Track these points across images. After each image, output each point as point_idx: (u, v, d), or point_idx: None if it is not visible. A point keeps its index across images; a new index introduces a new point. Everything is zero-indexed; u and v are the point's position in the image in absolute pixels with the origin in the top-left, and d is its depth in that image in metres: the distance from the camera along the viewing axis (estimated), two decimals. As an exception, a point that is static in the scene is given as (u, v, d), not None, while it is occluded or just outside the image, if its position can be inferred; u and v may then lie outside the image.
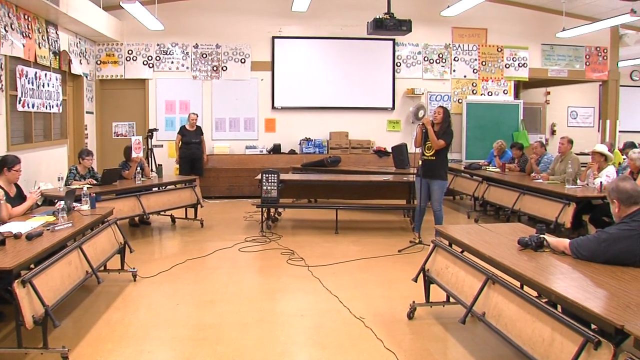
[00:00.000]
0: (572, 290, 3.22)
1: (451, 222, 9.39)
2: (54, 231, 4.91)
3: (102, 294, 5.64)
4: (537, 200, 8.12)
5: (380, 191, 9.58)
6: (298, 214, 10.26)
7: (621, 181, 3.82)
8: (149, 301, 5.45)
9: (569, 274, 3.54)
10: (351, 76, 13.02)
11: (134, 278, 6.13)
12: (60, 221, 5.21)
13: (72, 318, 4.98)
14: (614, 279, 3.40)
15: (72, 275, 4.64)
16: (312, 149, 12.68)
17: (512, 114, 13.42)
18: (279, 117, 12.89)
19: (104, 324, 4.85)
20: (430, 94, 13.35)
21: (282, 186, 8.73)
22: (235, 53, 12.69)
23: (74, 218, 5.55)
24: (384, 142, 13.02)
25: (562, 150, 8.87)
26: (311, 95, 12.91)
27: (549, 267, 3.69)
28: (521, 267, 3.68)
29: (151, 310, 5.20)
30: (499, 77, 13.58)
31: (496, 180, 9.53)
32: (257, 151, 12.58)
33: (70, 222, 5.23)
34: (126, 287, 5.89)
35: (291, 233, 8.65)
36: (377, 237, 8.37)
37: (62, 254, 4.58)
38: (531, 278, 3.48)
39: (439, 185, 7.65)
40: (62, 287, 4.40)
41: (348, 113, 13.07)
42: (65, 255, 4.62)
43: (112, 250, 5.77)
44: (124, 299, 5.52)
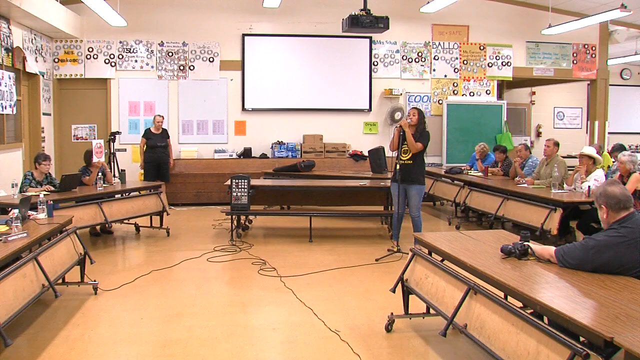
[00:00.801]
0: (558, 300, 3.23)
1: (431, 229, 9.43)
2: (6, 242, 4.82)
3: (60, 309, 5.55)
4: (521, 205, 8.19)
5: (357, 197, 9.59)
6: (270, 221, 10.23)
7: (609, 185, 3.85)
8: (111, 316, 5.37)
9: (555, 284, 3.56)
10: (326, 76, 13.04)
11: (95, 291, 6.04)
12: (14, 231, 5.11)
13: (27, 336, 4.88)
14: (603, 288, 3.41)
15: (27, 289, 4.55)
16: (284, 153, 12.66)
17: (495, 115, 13.54)
18: (250, 120, 12.85)
19: (61, 341, 4.76)
20: (409, 94, 13.41)
21: (253, 192, 8.69)
22: (203, 51, 12.63)
23: (29, 227, 5.45)
24: (360, 145, 13.05)
25: (547, 153, 8.95)
26: (283, 96, 12.90)
27: (533, 276, 3.71)
28: (504, 277, 3.68)
29: (113, 325, 5.13)
30: (482, 76, 13.70)
31: (478, 185, 9.58)
32: (226, 155, 12.52)
33: (25, 232, 5.13)
34: (86, 301, 5.79)
35: (263, 242, 8.61)
36: (353, 246, 8.36)
37: (16, 266, 4.49)
38: (515, 288, 3.49)
39: (416, 190, 7.67)
40: (15, 302, 4.31)
41: (322, 115, 13.08)
42: (20, 267, 4.53)
43: (71, 261, 5.68)
44: (84, 313, 5.43)
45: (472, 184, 9.76)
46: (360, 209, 9.79)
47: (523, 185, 8.81)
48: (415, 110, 7.75)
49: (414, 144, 7.57)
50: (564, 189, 8.19)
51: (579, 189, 7.99)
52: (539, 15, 13.54)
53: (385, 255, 7.60)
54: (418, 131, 7.67)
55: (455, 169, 10.94)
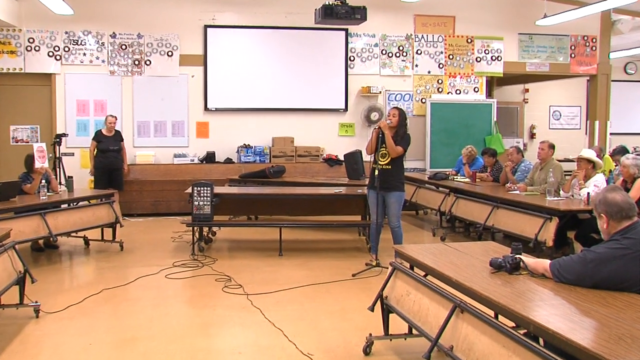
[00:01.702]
0: (554, 319, 3.22)
1: (413, 241, 9.42)
2: None
3: (-4, 334, 5.45)
4: (513, 214, 8.23)
5: (331, 206, 9.60)
6: (236, 233, 10.20)
7: (610, 192, 3.84)
8: (55, 342, 5.28)
9: (551, 301, 3.55)
10: (297, 72, 13.04)
11: (36, 314, 5.94)
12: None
13: (-42, 364, 4.79)
14: (604, 306, 3.40)
15: (-42, 312, 4.45)
16: (251, 158, 12.65)
17: (484, 115, 13.63)
18: (213, 121, 12.80)
19: (-3, 370, 4.68)
20: (388, 92, 13.46)
21: (217, 201, 8.67)
22: (161, 44, 12.55)
23: (-39, 242, 5.34)
24: (335, 148, 13.06)
25: (542, 157, 9.01)
26: (251, 94, 12.86)
27: (526, 293, 3.70)
28: (494, 293, 3.67)
29: (57, 353, 5.04)
30: (469, 72, 13.79)
31: (465, 192, 9.62)
32: (187, 160, 12.46)
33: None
34: (26, 325, 5.69)
35: (228, 256, 8.60)
36: (327, 260, 8.37)
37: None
38: (506, 306, 3.47)
39: (395, 197, 7.68)
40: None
41: (294, 115, 13.08)
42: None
43: (8, 280, 5.58)
44: (23, 340, 5.33)
45: (459, 191, 9.80)
46: (335, 219, 9.81)
47: (515, 192, 8.85)
48: (396, 110, 7.77)
49: (394, 148, 7.58)
50: (560, 196, 8.24)
51: (577, 196, 8.05)
52: (533, 4, 13.55)
53: (363, 270, 7.59)
54: (399, 134, 7.68)
55: (440, 174, 10.97)
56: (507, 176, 9.67)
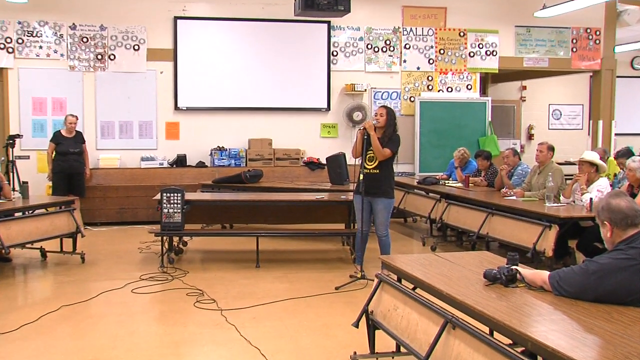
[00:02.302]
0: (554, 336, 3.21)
1: (401, 251, 9.46)
2: None
3: (-57, 356, 5.39)
4: (509, 222, 8.25)
5: (313, 213, 9.61)
6: (209, 243, 10.18)
7: (613, 197, 3.83)
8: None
9: (550, 316, 3.54)
10: (275, 69, 13.04)
11: (-12, 333, 5.89)
12: None
13: None
14: (608, 321, 3.39)
15: None
16: (226, 161, 12.65)
17: (477, 115, 13.70)
18: (184, 121, 12.77)
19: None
20: (374, 90, 13.48)
21: (188, 208, 8.65)
22: (127, 37, 12.49)
23: None
24: (317, 151, 13.08)
25: (540, 160, 9.05)
26: (225, 93, 12.86)
27: (523, 307, 3.69)
28: (489, 308, 3.67)
29: (10, 375, 4.99)
30: (461, 68, 13.84)
31: (458, 198, 9.64)
32: (155, 164, 12.43)
33: None
34: (-23, 344, 5.64)
35: (200, 268, 8.59)
36: (308, 272, 8.37)
37: None
38: (501, 321, 3.46)
39: (384, 204, 7.69)
40: None
41: (272, 115, 13.07)
42: None
43: (-43, 295, 5.51)
44: (-26, 361, 5.28)
45: (451, 197, 9.82)
46: (317, 227, 9.81)
47: (511, 198, 8.88)
48: (384, 109, 7.78)
49: (381, 150, 7.58)
50: (560, 201, 8.28)
51: (578, 202, 8.08)
52: (531, -6, 13.63)
53: (347, 283, 7.58)
54: (386, 134, 7.67)
55: (430, 178, 11.00)
56: (503, 181, 9.69)
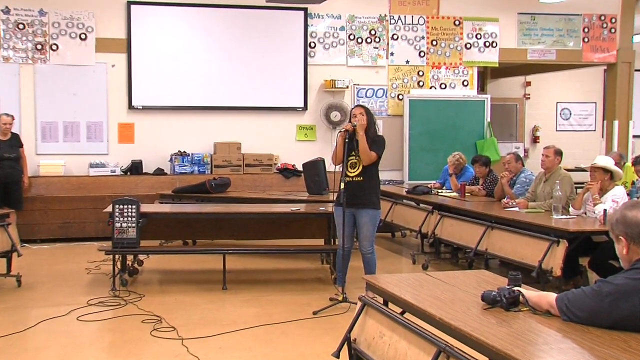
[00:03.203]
0: (561, 367, 3.21)
1: (388, 270, 9.47)
2: None
3: None
4: (511, 237, 8.26)
5: (288, 227, 9.63)
6: (168, 262, 10.11)
7: (630, 209, 3.79)
8: None
9: (558, 344, 3.54)
10: (245, 62, 13.04)
11: None
12: None
13: None
14: (626, 351, 3.36)
15: None
16: (188, 168, 12.62)
17: (475, 115, 13.76)
18: (140, 122, 12.73)
19: None
20: (358, 87, 13.51)
21: (145, 222, 8.59)
22: (71, 25, 12.41)
23: None
24: (292, 156, 13.08)
25: (547, 166, 9.06)
26: (188, 90, 12.84)
27: (527, 334, 3.69)
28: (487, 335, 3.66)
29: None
30: (457, 62, 13.90)
31: (452, 210, 9.66)
32: (106, 171, 12.37)
33: None
34: None
35: (158, 290, 8.58)
36: (283, 294, 8.37)
37: None
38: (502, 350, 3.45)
39: (369, 216, 7.69)
40: None
41: (241, 116, 13.08)
42: None
43: None
44: None
45: (444, 208, 9.84)
46: (292, 243, 9.78)
47: (513, 209, 8.88)
48: (362, 108, 7.83)
49: (368, 153, 7.60)
50: (569, 213, 8.29)
51: (590, 214, 8.09)
52: (536, -23, 13.69)
53: (327, 307, 7.58)
54: (369, 136, 7.67)
55: (421, 187, 10.99)
56: (504, 189, 9.71)
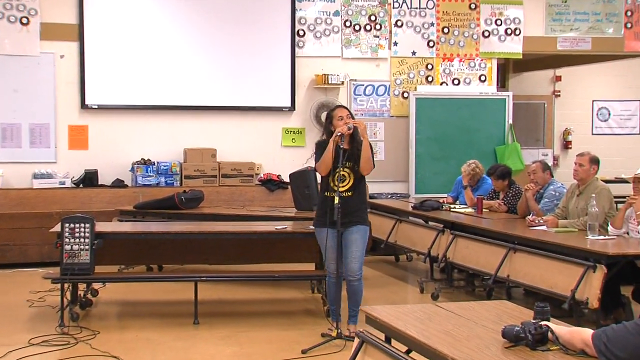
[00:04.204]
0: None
1: (392, 301, 9.47)
2: None
3: None
4: (537, 261, 8.22)
5: (272, 249, 9.62)
6: (129, 291, 10.10)
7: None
8: None
9: (593, 390, 3.53)
10: (222, 54, 13.09)
11: None
12: None
13: None
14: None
15: None
16: (153, 179, 12.61)
17: (494, 116, 13.80)
18: (95, 124, 12.73)
19: None
20: (355, 83, 13.53)
21: (101, 244, 8.52)
22: (10, 7, 12.39)
23: None
24: (277, 165, 13.12)
25: (580, 177, 9.04)
26: (152, 86, 12.86)
27: (558, 378, 3.68)
28: (511, 379, 3.65)
29: None
30: (473, 53, 13.92)
31: (468, 229, 9.65)
32: (54, 183, 12.34)
33: None
34: None
35: (117, 326, 8.56)
36: (266, 330, 8.37)
37: None
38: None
39: (361, 232, 7.68)
40: None
41: (216, 117, 13.12)
42: None
43: None
44: None
45: (458, 227, 9.82)
46: (277, 268, 9.74)
47: (540, 228, 8.86)
48: (347, 110, 7.91)
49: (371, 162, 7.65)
50: (608, 233, 8.27)
51: (634, 234, 8.08)
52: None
53: (319, 344, 7.58)
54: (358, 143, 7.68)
55: (430, 202, 10.99)
56: (529, 204, 9.69)
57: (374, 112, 13.45)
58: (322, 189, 7.77)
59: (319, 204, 7.88)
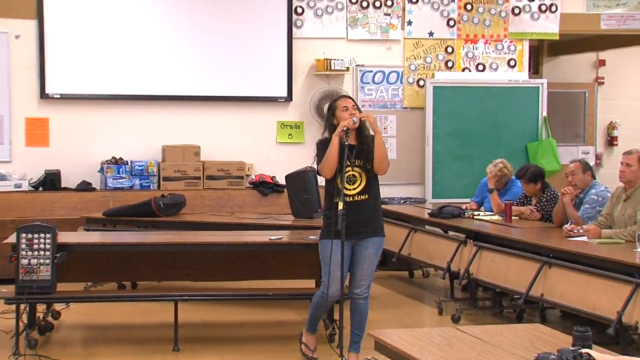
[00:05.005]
0: None
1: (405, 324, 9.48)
2: None
3: None
4: (577, 277, 8.20)
5: (265, 264, 9.62)
6: (97, 313, 10.05)
7: None
8: None
9: None
10: (206, 35, 13.11)
11: None
12: None
13: None
14: None
15: None
16: (126, 181, 12.61)
17: (525, 108, 13.83)
18: (57, 117, 12.73)
19: None
20: (362, 69, 13.55)
21: (64, 257, 8.51)
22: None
23: None
24: (271, 165, 13.16)
25: (628, 178, 9.03)
26: (125, 73, 12.86)
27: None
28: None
29: None
30: (501, 34, 13.92)
31: (494, 239, 9.67)
32: (8, 186, 12.30)
33: None
34: None
35: (82, 354, 8.60)
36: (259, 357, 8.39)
37: None
38: None
39: (376, 246, 7.64)
40: None
41: (200, 109, 13.16)
42: None
43: None
44: None
45: (483, 237, 9.84)
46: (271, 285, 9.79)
47: (580, 239, 8.87)
48: (353, 101, 7.85)
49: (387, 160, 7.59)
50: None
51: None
52: None
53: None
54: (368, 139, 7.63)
55: (450, 208, 11.03)
56: (567, 211, 9.69)
57: (384, 104, 13.47)
58: (330, 194, 7.66)
59: (326, 212, 7.77)
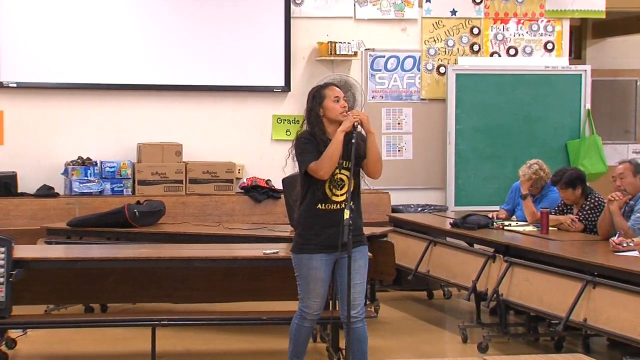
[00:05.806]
0: None
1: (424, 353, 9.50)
2: None
3: None
4: (626, 299, 8.18)
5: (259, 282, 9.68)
6: (60, 341, 10.09)
7: None
8: None
9: None
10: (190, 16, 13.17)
11: None
12: None
13: None
14: None
15: None
16: (95, 185, 12.62)
17: (565, 99, 13.86)
18: (13, 109, 12.82)
19: None
20: (373, 54, 13.60)
21: (21, 275, 8.55)
22: None
23: None
24: (265, 167, 13.21)
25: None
26: (93, 58, 12.88)
27: None
28: None
29: None
30: (536, 12, 13.90)
31: (528, 254, 9.64)
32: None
33: None
34: None
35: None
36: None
37: None
38: None
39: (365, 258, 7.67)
40: None
41: (182, 101, 13.25)
42: None
43: None
44: None
45: (514, 251, 9.82)
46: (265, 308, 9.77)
47: (630, 254, 8.84)
48: (339, 90, 7.81)
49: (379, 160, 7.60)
50: None
51: None
52: None
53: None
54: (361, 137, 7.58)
55: (476, 217, 11.02)
56: (614, 221, 9.66)
57: (398, 94, 13.51)
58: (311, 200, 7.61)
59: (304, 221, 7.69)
